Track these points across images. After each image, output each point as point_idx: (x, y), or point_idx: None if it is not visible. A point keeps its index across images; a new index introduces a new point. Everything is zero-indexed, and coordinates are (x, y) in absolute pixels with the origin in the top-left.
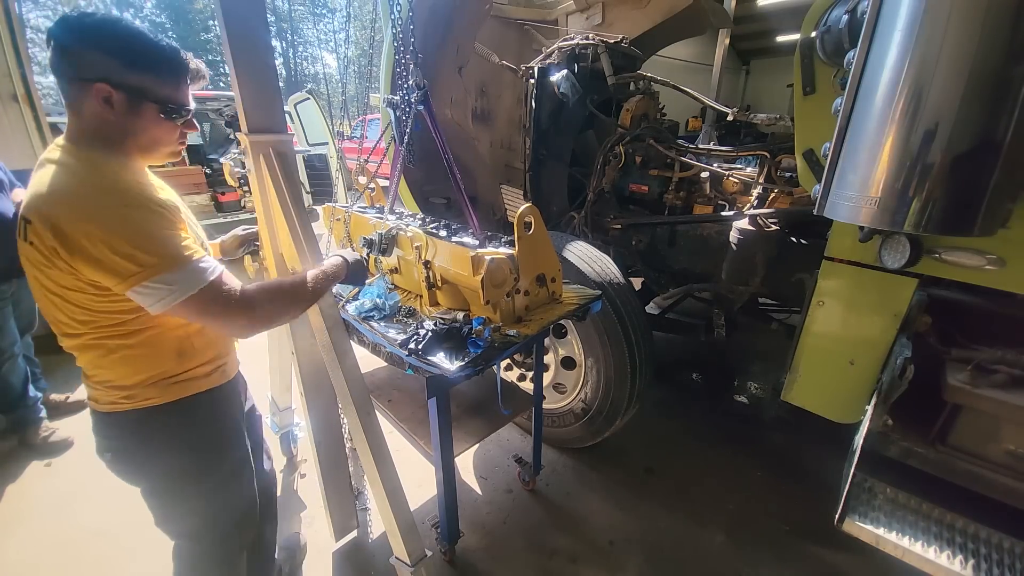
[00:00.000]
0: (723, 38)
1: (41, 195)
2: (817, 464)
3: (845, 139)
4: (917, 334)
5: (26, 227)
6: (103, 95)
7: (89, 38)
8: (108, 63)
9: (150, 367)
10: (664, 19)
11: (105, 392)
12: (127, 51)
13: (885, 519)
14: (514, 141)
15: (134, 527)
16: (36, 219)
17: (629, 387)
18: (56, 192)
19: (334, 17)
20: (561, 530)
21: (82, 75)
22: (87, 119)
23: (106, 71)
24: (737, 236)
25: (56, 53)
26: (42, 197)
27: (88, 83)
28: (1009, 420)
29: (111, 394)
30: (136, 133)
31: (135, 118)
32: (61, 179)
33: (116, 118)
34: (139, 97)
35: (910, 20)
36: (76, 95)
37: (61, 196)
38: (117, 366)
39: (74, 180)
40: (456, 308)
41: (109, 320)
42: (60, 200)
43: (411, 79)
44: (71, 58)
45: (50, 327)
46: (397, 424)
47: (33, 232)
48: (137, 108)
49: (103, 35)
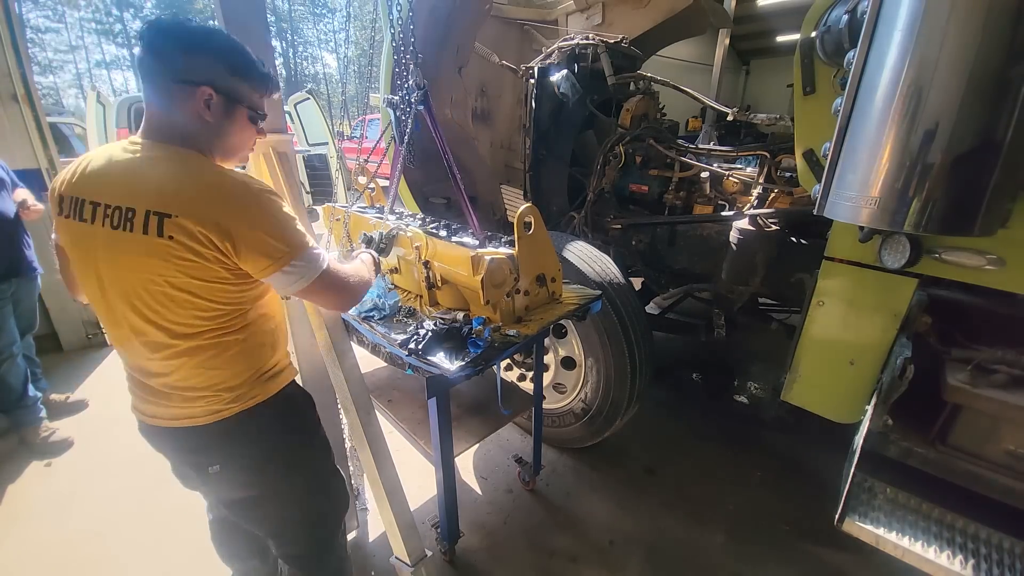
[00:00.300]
0: (723, 38)
1: (182, 190)
2: (817, 464)
3: (845, 139)
4: (917, 334)
5: (161, 223)
6: (205, 97)
7: (201, 44)
8: (215, 68)
9: (253, 363)
10: (664, 19)
11: (209, 401)
12: (231, 59)
13: (885, 519)
14: (514, 141)
15: (134, 527)
16: (186, 214)
17: (629, 387)
18: (201, 186)
19: (334, 17)
20: (561, 530)
21: (188, 78)
22: (184, 119)
23: (212, 76)
24: (737, 236)
25: (158, 55)
26: (186, 192)
27: (194, 86)
28: (1009, 420)
29: (218, 400)
30: (225, 136)
31: (228, 122)
32: (194, 174)
33: (212, 120)
34: (234, 102)
35: (910, 20)
36: (176, 96)
37: (209, 190)
38: (230, 364)
39: (208, 174)
40: (456, 308)
41: (232, 312)
42: (211, 194)
43: (411, 79)
44: (178, 61)
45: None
46: (397, 424)
47: (176, 227)
48: (231, 112)
49: (213, 43)
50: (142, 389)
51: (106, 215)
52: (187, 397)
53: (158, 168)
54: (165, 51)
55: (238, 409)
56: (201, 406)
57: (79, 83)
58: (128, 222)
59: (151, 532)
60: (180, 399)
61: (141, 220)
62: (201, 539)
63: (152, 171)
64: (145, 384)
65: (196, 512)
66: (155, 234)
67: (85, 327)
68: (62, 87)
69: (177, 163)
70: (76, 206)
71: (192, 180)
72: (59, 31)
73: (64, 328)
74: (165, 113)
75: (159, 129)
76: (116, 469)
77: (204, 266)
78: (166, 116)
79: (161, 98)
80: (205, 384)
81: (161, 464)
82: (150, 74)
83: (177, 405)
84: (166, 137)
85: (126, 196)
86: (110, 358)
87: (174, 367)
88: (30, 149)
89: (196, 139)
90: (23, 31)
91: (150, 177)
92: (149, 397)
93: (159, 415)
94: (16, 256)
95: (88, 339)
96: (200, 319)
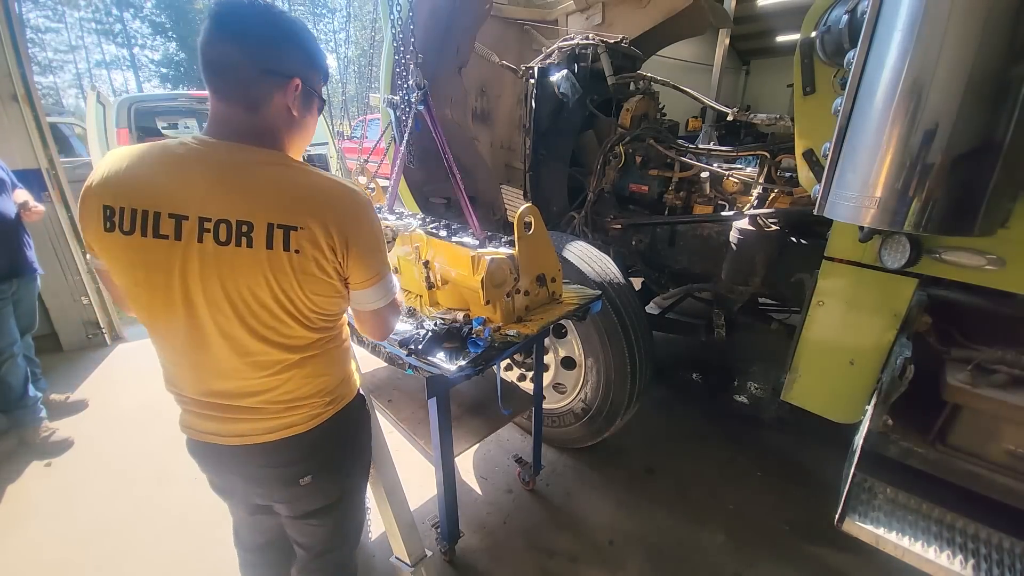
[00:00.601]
0: (723, 38)
1: (306, 199)
2: (817, 464)
3: (845, 139)
4: (917, 334)
5: (288, 236)
6: (295, 90)
7: (290, 30)
8: (303, 59)
9: (345, 365)
10: (664, 19)
11: (311, 406)
12: (311, 46)
13: (885, 519)
14: (514, 141)
15: (134, 527)
16: (316, 224)
17: (629, 387)
18: (324, 194)
19: (334, 17)
20: (561, 530)
21: (280, 68)
22: (271, 115)
23: (300, 66)
24: (737, 236)
25: (244, 43)
26: (311, 201)
27: (286, 78)
28: (1009, 420)
29: (318, 404)
30: (306, 130)
31: (310, 115)
32: (308, 180)
33: (298, 114)
34: (313, 93)
35: (910, 20)
36: (265, 89)
37: (331, 198)
38: (333, 368)
39: (320, 179)
40: (456, 308)
41: (338, 318)
42: (334, 202)
43: (411, 79)
44: (269, 50)
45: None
46: (397, 424)
47: (303, 239)
48: (310, 104)
49: (297, 28)
50: (223, 410)
51: (204, 229)
52: (290, 407)
53: (267, 175)
54: (254, 38)
55: (333, 412)
56: (303, 412)
57: (79, 83)
58: (244, 236)
59: (151, 532)
60: (279, 410)
61: (263, 234)
62: (201, 539)
63: (261, 179)
64: (230, 405)
65: (196, 512)
66: (281, 248)
67: (85, 327)
68: (62, 87)
69: (281, 167)
70: (144, 220)
71: (310, 187)
72: (59, 31)
73: (64, 328)
74: (245, 109)
75: (237, 128)
76: (116, 469)
77: (322, 283)
78: (246, 113)
79: (242, 92)
80: (310, 392)
81: (161, 464)
82: (229, 65)
83: (273, 417)
84: (245, 136)
85: (233, 208)
86: (110, 358)
87: (281, 381)
88: (30, 149)
89: (278, 136)
90: (23, 31)
91: (262, 186)
92: (234, 416)
93: (246, 432)
94: (17, 257)
95: (88, 339)
96: (313, 329)
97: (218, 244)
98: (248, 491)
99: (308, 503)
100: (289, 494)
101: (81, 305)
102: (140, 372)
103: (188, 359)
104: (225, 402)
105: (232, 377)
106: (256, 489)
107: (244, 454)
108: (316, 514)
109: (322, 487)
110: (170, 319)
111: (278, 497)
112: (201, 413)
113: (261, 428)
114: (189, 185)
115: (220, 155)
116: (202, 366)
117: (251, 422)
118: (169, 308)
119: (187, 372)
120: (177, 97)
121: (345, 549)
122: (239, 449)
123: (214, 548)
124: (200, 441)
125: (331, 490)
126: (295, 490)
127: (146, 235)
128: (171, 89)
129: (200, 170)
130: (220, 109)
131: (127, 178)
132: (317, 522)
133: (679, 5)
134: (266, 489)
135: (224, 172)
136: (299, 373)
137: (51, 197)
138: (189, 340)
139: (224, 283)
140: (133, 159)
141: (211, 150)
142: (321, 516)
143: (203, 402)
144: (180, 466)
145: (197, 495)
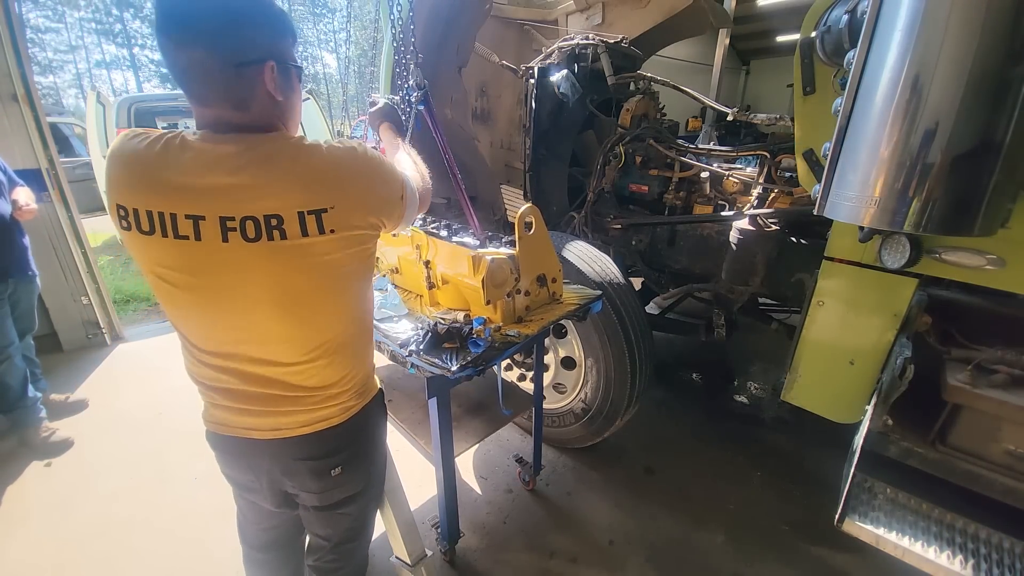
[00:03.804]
0: (723, 38)
1: (324, 179)
2: (817, 464)
3: (845, 139)
4: (917, 334)
5: (320, 220)
6: (270, 73)
7: (248, 12)
8: (269, 32)
9: (369, 357)
10: (664, 19)
11: (344, 399)
12: (275, 17)
13: (885, 519)
14: (514, 141)
15: (134, 527)
16: (342, 200)
17: (629, 387)
18: (337, 168)
19: (334, 17)
20: (561, 530)
21: (250, 58)
22: (257, 105)
23: (269, 44)
24: (737, 236)
25: (208, 43)
26: (330, 179)
27: (258, 64)
28: (1009, 420)
29: (349, 396)
30: (294, 106)
31: (291, 90)
32: (319, 157)
33: (282, 97)
34: (289, 66)
35: (910, 20)
36: (241, 82)
37: (342, 170)
38: (362, 356)
39: (328, 152)
40: (456, 308)
41: (363, 305)
42: (348, 173)
43: (411, 79)
44: (234, 42)
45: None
46: (397, 424)
47: (335, 219)
48: (289, 78)
49: (256, 5)
50: (262, 402)
51: (228, 228)
52: (326, 397)
53: (281, 164)
54: (214, 35)
55: (362, 404)
56: (338, 403)
57: (79, 83)
58: (275, 230)
59: (151, 532)
60: (316, 401)
61: (295, 224)
62: (200, 539)
63: (277, 170)
64: (272, 396)
65: (195, 512)
66: (316, 233)
67: (85, 327)
68: (62, 87)
69: (292, 150)
70: (162, 221)
71: (324, 164)
72: (59, 31)
73: (64, 328)
74: (233, 105)
75: (229, 124)
76: (116, 469)
77: (359, 233)
78: (234, 109)
79: (222, 92)
80: (345, 380)
81: (161, 464)
82: (201, 70)
83: (311, 408)
84: (244, 129)
85: (256, 204)
86: (110, 358)
87: (320, 367)
88: (30, 149)
89: (271, 119)
90: (23, 31)
91: (280, 176)
92: (272, 409)
93: (283, 426)
94: (12, 257)
95: (88, 339)
96: (341, 311)
97: (247, 241)
98: (277, 484)
99: (337, 493)
100: (320, 485)
101: (81, 305)
102: (140, 372)
103: (219, 361)
104: (266, 391)
105: (269, 367)
106: (288, 481)
107: (280, 447)
108: (343, 504)
109: (351, 477)
110: (199, 314)
111: (310, 488)
112: (236, 407)
113: (298, 421)
114: (202, 185)
115: (229, 151)
116: (229, 361)
117: (288, 415)
118: (196, 304)
119: (219, 366)
120: (177, 97)
121: (363, 539)
122: (275, 443)
123: (214, 548)
124: (231, 436)
125: (358, 480)
126: (326, 481)
127: (166, 236)
128: (171, 89)
129: (212, 169)
130: (205, 114)
131: (137, 177)
132: (343, 512)
133: (679, 5)
134: (298, 481)
135: (237, 169)
136: (335, 360)
137: (51, 197)
138: (228, 334)
139: (261, 278)
140: (140, 156)
141: (216, 146)
142: (347, 505)
143: (239, 393)
144: (180, 466)
145: (197, 495)
